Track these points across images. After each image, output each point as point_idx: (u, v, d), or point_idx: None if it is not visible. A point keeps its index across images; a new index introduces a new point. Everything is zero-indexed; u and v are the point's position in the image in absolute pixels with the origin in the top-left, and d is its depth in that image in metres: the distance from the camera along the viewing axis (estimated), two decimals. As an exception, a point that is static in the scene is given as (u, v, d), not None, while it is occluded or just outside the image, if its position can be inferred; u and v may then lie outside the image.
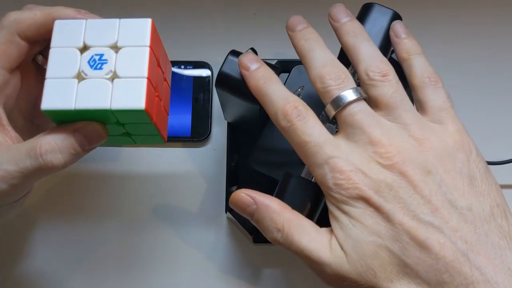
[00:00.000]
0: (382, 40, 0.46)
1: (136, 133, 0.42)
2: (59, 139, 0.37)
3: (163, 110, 0.42)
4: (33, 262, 0.54)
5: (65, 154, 0.37)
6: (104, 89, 0.37)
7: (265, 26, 0.62)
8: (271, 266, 0.54)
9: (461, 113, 0.58)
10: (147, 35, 0.38)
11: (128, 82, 0.37)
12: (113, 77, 0.37)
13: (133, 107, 0.36)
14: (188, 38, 0.61)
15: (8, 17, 0.39)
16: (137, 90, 0.36)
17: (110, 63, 0.37)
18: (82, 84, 0.37)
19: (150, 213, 0.55)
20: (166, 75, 0.43)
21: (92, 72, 0.37)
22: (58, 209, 0.55)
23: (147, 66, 0.37)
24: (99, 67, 0.37)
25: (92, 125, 0.38)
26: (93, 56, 0.37)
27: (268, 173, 0.50)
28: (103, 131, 0.39)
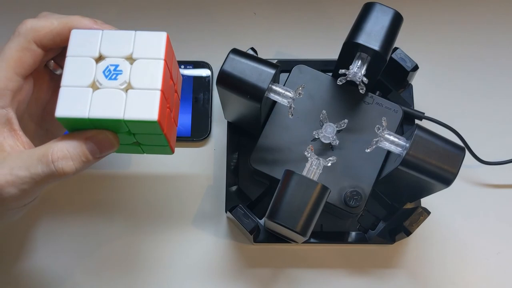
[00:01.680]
0: (383, 39, 0.46)
1: (146, 143, 0.42)
2: (71, 146, 0.37)
3: (173, 121, 0.42)
4: (34, 260, 0.53)
5: (77, 162, 0.37)
6: (118, 99, 0.37)
7: (265, 26, 0.62)
8: (271, 266, 0.54)
9: (462, 113, 0.59)
10: (162, 48, 0.38)
11: (142, 93, 0.37)
12: (127, 87, 0.37)
13: (146, 118, 0.37)
14: (188, 38, 0.61)
15: (25, 24, 0.39)
16: (151, 101, 0.37)
17: (125, 74, 0.38)
18: (97, 93, 0.37)
19: (150, 212, 0.55)
20: (177, 87, 0.43)
21: (107, 82, 0.37)
22: (59, 208, 0.55)
23: (161, 79, 0.38)
24: (114, 78, 0.38)
25: (104, 134, 0.38)
26: (108, 66, 0.38)
27: (268, 172, 0.50)
28: (115, 140, 0.39)
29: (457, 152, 0.43)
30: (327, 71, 0.53)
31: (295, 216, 0.42)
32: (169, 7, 0.62)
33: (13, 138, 0.38)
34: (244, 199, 0.53)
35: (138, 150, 0.44)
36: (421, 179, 0.44)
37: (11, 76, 0.38)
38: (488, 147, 0.57)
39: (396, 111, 0.51)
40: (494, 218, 0.56)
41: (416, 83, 0.57)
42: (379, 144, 0.45)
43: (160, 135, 0.39)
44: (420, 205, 0.52)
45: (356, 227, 0.53)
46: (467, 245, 0.55)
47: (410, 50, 0.53)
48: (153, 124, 0.37)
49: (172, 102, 0.41)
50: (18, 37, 0.39)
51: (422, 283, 0.54)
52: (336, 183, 0.49)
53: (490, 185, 0.57)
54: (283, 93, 0.45)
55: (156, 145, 0.42)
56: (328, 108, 0.51)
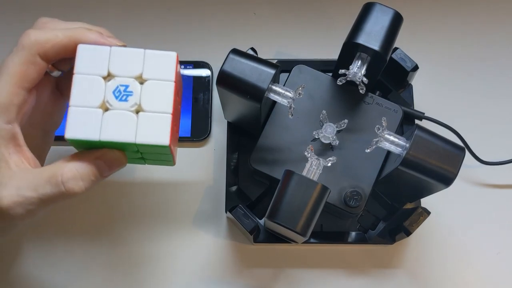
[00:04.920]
0: (383, 39, 0.46)
1: (151, 158, 0.42)
2: (81, 167, 0.37)
3: (176, 134, 0.42)
4: (29, 264, 0.53)
5: (86, 181, 0.37)
6: (129, 122, 0.37)
7: (265, 26, 0.62)
8: (271, 266, 0.54)
9: (462, 113, 0.59)
10: (172, 69, 0.38)
11: (153, 116, 0.37)
12: (138, 109, 0.37)
13: (158, 143, 0.37)
14: (188, 38, 0.61)
15: (29, 37, 0.38)
16: (162, 126, 0.37)
17: (135, 96, 0.37)
18: (107, 114, 0.37)
19: (150, 212, 0.55)
20: (180, 99, 0.43)
21: (117, 103, 0.37)
22: (58, 209, 0.55)
23: (172, 102, 0.38)
24: (124, 99, 0.37)
25: (113, 153, 0.38)
26: (118, 86, 0.38)
27: (268, 172, 0.50)
28: (124, 159, 0.39)
29: (457, 152, 0.43)
30: (327, 71, 0.53)
31: (295, 216, 0.42)
32: (169, 7, 0.62)
33: (18, 155, 0.38)
34: (244, 199, 0.53)
35: (141, 162, 0.44)
36: (421, 179, 0.44)
37: (16, 91, 0.37)
38: (488, 147, 0.57)
39: (396, 111, 0.51)
40: (494, 218, 0.56)
41: (416, 83, 0.57)
42: (379, 144, 0.45)
43: (168, 154, 0.40)
44: (420, 205, 0.52)
45: (356, 227, 0.53)
46: (467, 245, 0.55)
47: (410, 50, 0.53)
48: (164, 147, 0.37)
49: (177, 119, 0.41)
50: (22, 51, 0.38)
51: (422, 283, 0.54)
52: (336, 183, 0.49)
53: (490, 185, 0.57)
54: (283, 93, 0.45)
55: (160, 160, 0.43)
56: (328, 108, 0.51)
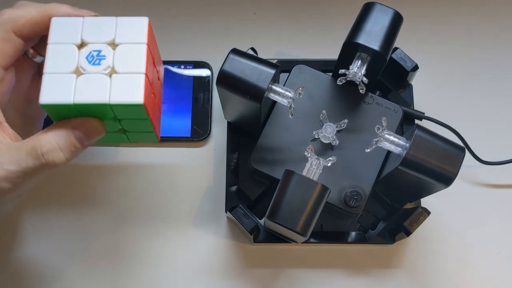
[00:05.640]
0: (383, 39, 0.46)
1: (131, 130, 0.42)
2: (59, 137, 0.37)
3: (157, 107, 0.42)
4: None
5: (66, 152, 0.38)
6: (102, 84, 0.37)
7: (265, 26, 0.62)
8: (271, 266, 0.54)
9: (462, 113, 0.59)
10: (144, 33, 0.39)
11: (126, 77, 0.37)
12: (111, 72, 0.37)
13: (132, 101, 0.37)
14: (188, 38, 0.61)
15: (3, 15, 0.39)
16: (136, 85, 0.37)
17: (108, 59, 0.38)
18: (81, 79, 0.37)
19: (150, 212, 0.55)
20: (160, 74, 0.43)
21: (90, 67, 0.37)
22: (55, 202, 0.55)
23: (144, 63, 0.38)
24: (97, 63, 0.38)
25: (90, 122, 0.38)
26: (91, 52, 0.38)
27: (268, 172, 0.50)
28: (101, 127, 0.39)
29: (457, 152, 0.43)
30: (327, 71, 0.53)
31: (295, 216, 0.42)
32: (169, 7, 0.62)
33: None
34: (244, 199, 0.53)
35: (124, 139, 0.43)
36: (421, 179, 0.44)
37: None
38: (488, 147, 0.57)
39: (396, 111, 0.51)
40: (494, 218, 0.56)
41: (416, 83, 0.57)
42: (379, 144, 0.45)
43: (146, 120, 0.39)
44: (420, 205, 0.52)
45: (356, 227, 0.53)
46: (467, 245, 0.55)
47: (410, 50, 0.53)
48: (139, 107, 0.37)
49: (156, 89, 0.41)
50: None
51: (422, 283, 0.54)
52: (336, 183, 0.49)
53: (490, 185, 0.57)
54: (283, 93, 0.45)
55: (141, 132, 0.42)
56: (328, 108, 0.51)
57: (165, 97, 0.58)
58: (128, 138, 0.43)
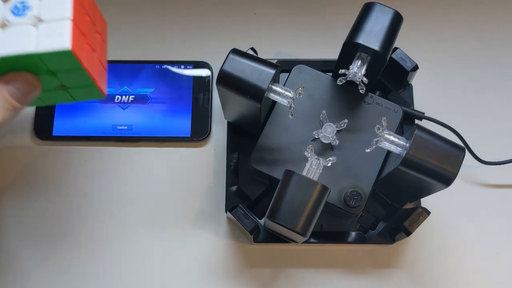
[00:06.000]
0: (383, 39, 0.46)
1: (71, 84, 0.40)
2: None
3: (99, 62, 0.41)
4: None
5: (2, 110, 0.36)
6: (28, 34, 0.36)
7: (265, 26, 0.62)
8: (271, 266, 0.54)
9: (462, 113, 0.59)
10: None
11: (52, 24, 0.36)
12: (36, 21, 0.37)
13: (59, 47, 0.35)
14: (188, 38, 0.61)
15: None
16: (61, 31, 0.36)
17: (33, 10, 0.37)
18: (6, 31, 0.36)
19: (150, 212, 0.55)
20: (100, 29, 0.42)
21: (15, 19, 0.37)
22: (59, 209, 0.55)
23: (70, 8, 0.37)
24: (22, 14, 0.37)
25: (22, 75, 0.37)
26: (15, 4, 0.37)
27: (268, 172, 0.50)
28: (35, 81, 0.38)
29: (457, 152, 0.43)
30: (327, 71, 0.53)
31: (295, 216, 0.42)
32: (169, 7, 0.62)
33: None
34: (244, 199, 0.53)
35: (67, 97, 0.42)
36: (421, 179, 0.44)
37: None
38: (488, 147, 0.57)
39: (396, 111, 0.52)
40: (494, 218, 0.56)
41: (416, 83, 0.57)
42: (379, 144, 0.45)
43: (81, 70, 0.38)
44: (420, 205, 0.52)
45: (356, 227, 0.53)
46: (467, 245, 0.55)
47: (410, 50, 0.53)
48: (67, 54, 0.36)
49: (94, 42, 0.40)
50: None
51: (422, 283, 0.54)
52: (336, 183, 0.49)
53: (490, 185, 0.57)
54: (283, 93, 0.45)
55: (83, 87, 0.41)
56: (328, 108, 0.51)
57: (165, 97, 0.58)
58: (71, 96, 0.42)
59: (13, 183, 0.55)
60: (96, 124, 0.57)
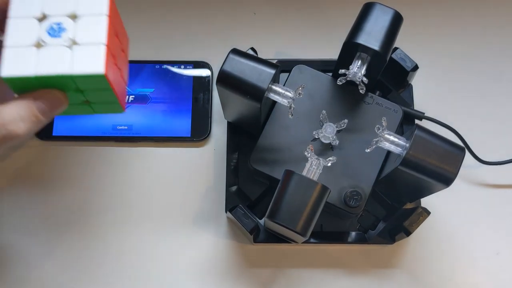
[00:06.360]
0: (383, 39, 0.46)
1: (95, 101, 0.42)
2: (21, 108, 0.37)
3: (122, 79, 0.42)
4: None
5: (27, 122, 0.37)
6: (63, 55, 0.37)
7: (265, 26, 0.62)
8: (271, 266, 0.54)
9: (462, 113, 0.59)
10: (104, 4, 0.39)
11: (87, 48, 0.37)
12: (72, 44, 0.37)
13: (93, 72, 0.37)
14: (188, 38, 0.61)
15: None
16: (97, 55, 0.37)
17: (68, 32, 0.38)
18: (42, 51, 0.37)
19: (150, 212, 0.55)
20: (124, 46, 0.43)
21: (51, 40, 0.37)
22: (53, 202, 0.55)
23: (105, 33, 0.38)
24: (57, 35, 0.38)
25: (52, 92, 0.38)
26: (51, 24, 0.38)
27: (268, 172, 0.50)
28: (63, 98, 0.39)
29: (457, 152, 0.43)
30: (327, 71, 0.53)
31: (295, 216, 0.42)
32: (169, 7, 0.62)
33: None
34: (244, 199, 0.53)
35: (89, 110, 0.43)
36: (421, 179, 0.44)
37: None
38: (488, 147, 0.57)
39: (396, 111, 0.52)
40: (494, 218, 0.56)
41: (416, 83, 0.57)
42: (379, 144, 0.45)
43: (109, 90, 0.39)
44: (420, 205, 0.52)
45: (356, 227, 0.53)
46: (467, 245, 0.55)
47: (410, 50, 0.53)
48: (100, 78, 0.37)
49: (120, 61, 0.41)
50: None
51: (422, 283, 0.54)
52: (336, 183, 0.49)
53: (490, 185, 0.57)
54: (283, 93, 0.45)
55: (105, 103, 0.42)
56: (328, 108, 0.51)
57: (165, 97, 0.58)
58: (93, 109, 0.43)
59: (13, 183, 0.55)
60: (96, 124, 0.57)
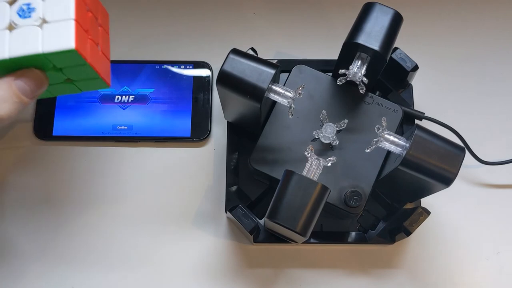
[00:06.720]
0: (383, 39, 0.46)
1: (77, 78, 0.42)
2: (2, 89, 0.38)
3: (102, 54, 0.43)
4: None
5: (10, 103, 0.38)
6: (34, 35, 0.38)
7: (265, 26, 0.62)
8: (271, 266, 0.54)
9: (462, 113, 0.59)
10: None
11: (56, 25, 0.38)
12: (42, 23, 0.38)
13: (64, 47, 0.37)
14: (188, 38, 0.61)
15: None
16: (66, 31, 0.38)
17: (38, 11, 0.38)
18: (13, 33, 0.38)
19: (150, 212, 0.55)
20: (102, 22, 0.44)
21: (21, 21, 0.38)
22: (58, 208, 0.55)
23: (73, 9, 0.38)
24: (28, 16, 0.38)
25: (31, 72, 0.39)
26: (21, 6, 0.39)
27: (268, 172, 0.50)
28: (43, 76, 0.40)
29: (457, 152, 0.43)
30: (327, 71, 0.53)
31: (295, 216, 0.42)
32: (169, 7, 0.62)
33: None
34: (244, 199, 0.53)
35: (74, 89, 0.44)
36: (421, 179, 0.44)
37: None
38: (488, 147, 0.57)
39: (396, 111, 0.52)
40: (494, 218, 0.56)
41: (416, 83, 0.57)
42: (379, 144, 0.45)
43: (85, 65, 0.40)
44: (420, 205, 0.52)
45: (356, 227, 0.53)
46: (467, 245, 0.55)
47: (410, 50, 0.53)
48: (72, 53, 0.38)
49: (97, 36, 0.42)
50: None
51: (422, 283, 0.54)
52: (336, 183, 0.49)
53: (490, 185, 0.57)
54: (283, 93, 0.45)
55: (87, 79, 0.42)
56: (328, 108, 0.51)
57: (165, 97, 0.58)
58: (78, 87, 0.44)
59: (13, 183, 0.55)
60: (96, 124, 0.57)
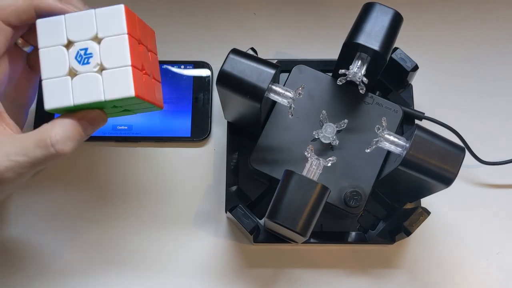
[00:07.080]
0: (383, 39, 0.46)
1: (133, 109, 0.44)
2: (68, 128, 0.39)
3: (154, 81, 0.44)
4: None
5: (74, 142, 0.40)
6: (95, 82, 0.39)
7: (265, 26, 0.62)
8: (271, 266, 0.54)
9: (462, 113, 0.59)
10: (123, 22, 0.40)
11: (115, 72, 0.39)
12: (100, 69, 0.40)
13: (125, 95, 0.39)
14: (188, 38, 0.61)
15: None
16: (125, 79, 0.39)
17: (95, 56, 0.40)
18: (75, 80, 0.40)
19: (150, 212, 0.55)
20: (150, 47, 0.45)
21: (81, 67, 0.40)
22: (53, 202, 0.55)
23: (128, 54, 0.39)
24: (86, 62, 0.40)
25: (93, 112, 0.41)
26: (78, 51, 0.40)
27: (268, 172, 0.50)
28: (103, 115, 0.42)
29: (457, 152, 0.43)
30: (327, 71, 0.53)
31: (295, 216, 0.42)
32: (169, 7, 0.62)
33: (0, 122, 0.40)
34: (244, 199, 0.53)
35: (128, 113, 0.46)
36: (421, 179, 0.44)
37: None
38: (488, 147, 0.57)
39: (396, 111, 0.52)
40: (494, 218, 0.56)
41: (416, 83, 0.57)
42: (379, 144, 0.45)
43: (143, 103, 0.41)
44: (420, 205, 0.52)
45: (356, 227, 0.53)
46: (467, 245, 0.55)
47: (410, 50, 0.53)
48: (133, 99, 0.39)
49: (148, 65, 0.43)
50: None
51: (422, 283, 0.54)
52: (336, 183, 0.49)
53: (490, 185, 0.57)
54: (283, 93, 0.45)
55: (143, 108, 0.44)
56: (328, 108, 0.51)
57: (165, 97, 0.58)
58: (133, 112, 0.46)
59: (13, 183, 0.55)
60: (96, 124, 0.57)
